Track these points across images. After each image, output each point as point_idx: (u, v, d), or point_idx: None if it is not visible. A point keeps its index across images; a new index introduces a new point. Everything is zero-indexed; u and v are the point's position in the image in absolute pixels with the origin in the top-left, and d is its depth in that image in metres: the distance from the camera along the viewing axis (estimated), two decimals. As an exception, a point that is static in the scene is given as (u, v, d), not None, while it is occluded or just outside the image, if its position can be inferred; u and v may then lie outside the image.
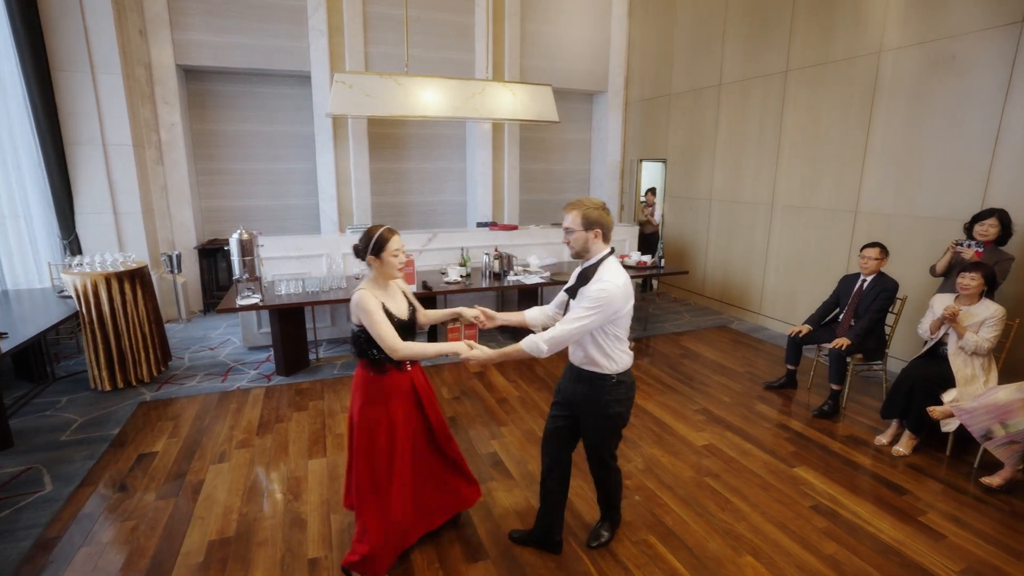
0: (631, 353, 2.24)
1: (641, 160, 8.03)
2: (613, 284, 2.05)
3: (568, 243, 2.15)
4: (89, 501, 2.74)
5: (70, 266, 4.04)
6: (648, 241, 7.14)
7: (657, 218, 7.29)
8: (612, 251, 2.17)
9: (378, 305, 2.09)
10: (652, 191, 7.65)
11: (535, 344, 2.07)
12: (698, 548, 2.47)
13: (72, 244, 5.12)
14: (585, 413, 2.23)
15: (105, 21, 4.97)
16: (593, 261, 2.13)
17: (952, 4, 4.03)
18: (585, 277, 2.12)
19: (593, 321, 2.05)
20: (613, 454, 2.35)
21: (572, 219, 2.10)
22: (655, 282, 7.53)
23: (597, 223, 2.09)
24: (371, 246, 2.11)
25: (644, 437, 3.47)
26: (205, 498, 2.78)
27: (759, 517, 2.68)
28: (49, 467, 3.02)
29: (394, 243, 2.13)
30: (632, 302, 2.16)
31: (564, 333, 2.05)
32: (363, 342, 2.16)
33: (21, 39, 4.49)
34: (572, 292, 2.18)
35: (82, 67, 4.95)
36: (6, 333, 3.26)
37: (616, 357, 2.16)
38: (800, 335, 4.04)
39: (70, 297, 3.97)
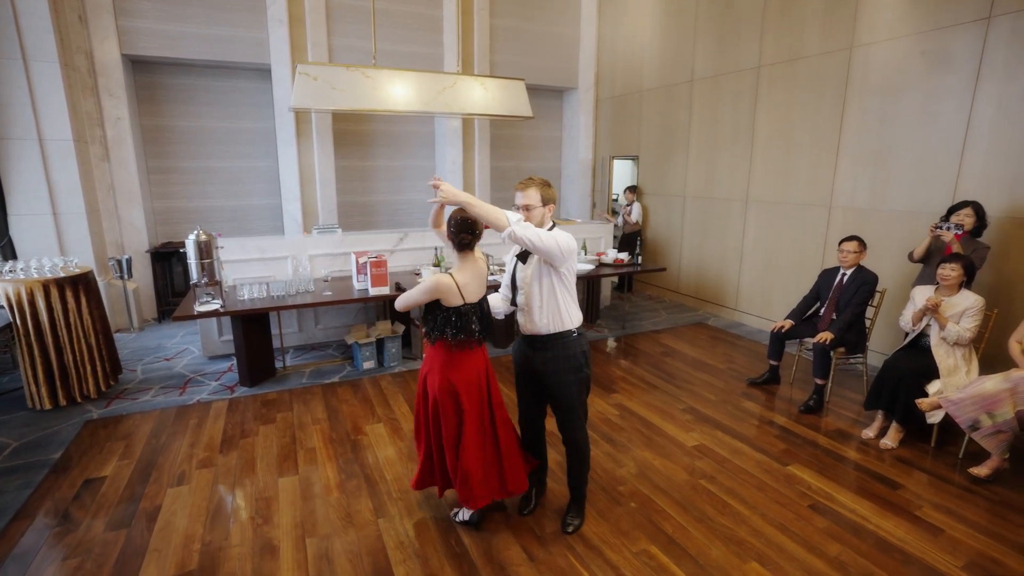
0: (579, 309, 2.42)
1: (613, 157, 7.97)
2: (563, 232, 2.23)
3: (527, 219, 2.23)
4: (25, 536, 2.42)
5: (1, 272, 3.64)
6: (628, 240, 7.07)
7: (634, 217, 7.16)
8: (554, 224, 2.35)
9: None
10: (632, 189, 7.42)
11: (512, 224, 2.08)
12: (701, 556, 2.35)
13: (5, 248, 4.67)
14: (556, 374, 2.33)
15: (39, 4, 4.53)
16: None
17: (922, 0, 4.08)
18: None
19: (549, 243, 2.11)
20: (586, 414, 2.47)
21: (531, 196, 2.25)
22: (631, 281, 7.48)
23: (551, 199, 2.31)
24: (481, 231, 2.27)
25: (634, 439, 3.36)
26: (162, 527, 2.50)
27: (759, 520, 2.60)
28: (-22, 499, 2.67)
29: None
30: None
31: (531, 234, 2.08)
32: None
33: (-60, 21, 4.05)
34: (523, 257, 2.33)
35: (12, 54, 4.50)
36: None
37: (573, 312, 2.34)
38: (783, 330, 4.02)
39: (1, 307, 3.57)
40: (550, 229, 2.26)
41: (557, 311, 2.28)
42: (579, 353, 2.34)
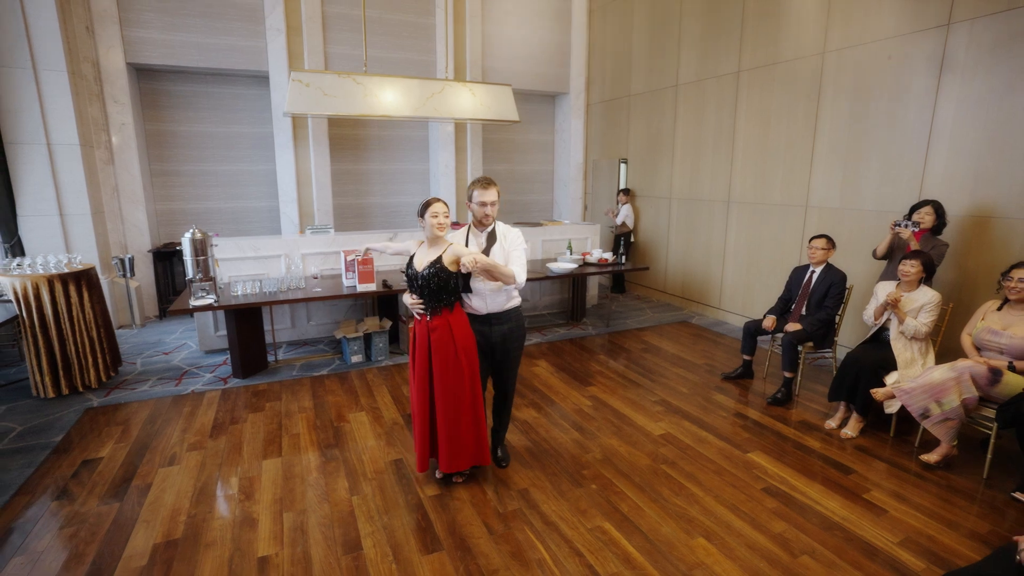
0: None
1: (621, 160, 7.98)
2: (513, 228, 2.77)
3: (491, 215, 2.67)
4: (27, 509, 2.62)
5: (9, 268, 3.86)
6: (615, 241, 7.22)
7: (619, 219, 7.29)
8: None
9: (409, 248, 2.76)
10: (625, 191, 7.53)
11: (520, 276, 2.59)
12: (652, 533, 2.50)
13: (14, 247, 4.91)
14: (510, 342, 2.76)
15: (48, 16, 4.79)
16: (492, 225, 2.73)
17: (887, 7, 4.23)
18: (492, 237, 2.72)
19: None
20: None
21: (494, 194, 2.67)
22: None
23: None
24: (419, 208, 2.62)
25: (603, 429, 3.51)
26: (152, 501, 2.69)
27: (712, 501, 2.74)
28: (-17, 477, 2.88)
29: (434, 208, 2.57)
30: None
31: (525, 268, 2.65)
32: None
33: (-45, 33, 4.30)
34: (487, 252, 2.67)
35: (22, 63, 4.75)
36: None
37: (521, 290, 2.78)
38: (769, 328, 4.09)
39: (9, 301, 3.79)
40: (492, 225, 2.74)
41: (508, 291, 2.72)
42: (524, 321, 2.86)
